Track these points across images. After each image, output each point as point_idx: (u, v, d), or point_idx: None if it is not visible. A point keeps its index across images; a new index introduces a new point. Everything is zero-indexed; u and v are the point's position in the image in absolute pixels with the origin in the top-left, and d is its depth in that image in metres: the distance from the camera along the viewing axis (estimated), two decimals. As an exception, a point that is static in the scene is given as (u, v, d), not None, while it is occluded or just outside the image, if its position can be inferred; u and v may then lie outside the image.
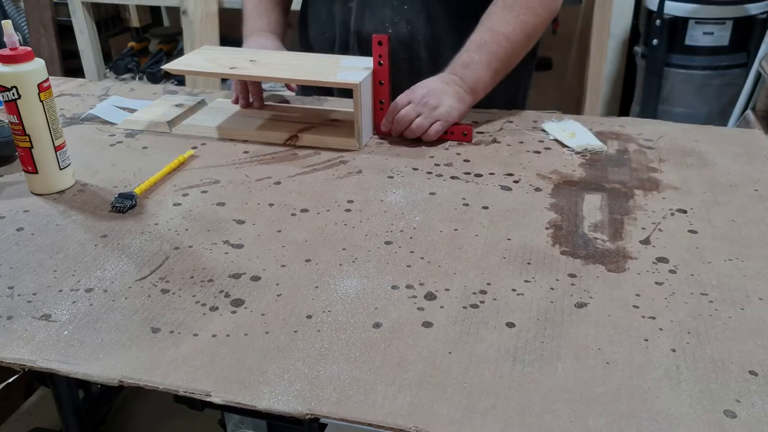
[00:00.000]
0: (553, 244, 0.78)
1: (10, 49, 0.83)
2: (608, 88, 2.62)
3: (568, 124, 1.07)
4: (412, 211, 0.85)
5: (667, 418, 0.54)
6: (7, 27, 0.83)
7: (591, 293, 0.69)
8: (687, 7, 2.26)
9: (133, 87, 1.30)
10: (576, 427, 0.53)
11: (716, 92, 2.35)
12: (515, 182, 0.92)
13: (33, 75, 0.84)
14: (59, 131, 0.89)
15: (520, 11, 1.04)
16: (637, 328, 0.64)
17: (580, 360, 0.60)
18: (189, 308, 0.68)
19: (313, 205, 0.87)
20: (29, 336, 0.64)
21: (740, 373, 0.59)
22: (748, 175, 0.94)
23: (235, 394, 0.57)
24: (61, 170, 0.90)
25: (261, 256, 0.76)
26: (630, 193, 0.89)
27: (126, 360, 0.61)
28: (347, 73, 1.01)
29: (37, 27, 2.63)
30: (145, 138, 1.07)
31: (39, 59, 0.86)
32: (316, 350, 0.62)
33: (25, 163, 0.89)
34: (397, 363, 0.60)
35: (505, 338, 0.63)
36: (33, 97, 0.85)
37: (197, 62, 1.07)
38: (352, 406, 0.56)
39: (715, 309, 0.67)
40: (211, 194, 0.90)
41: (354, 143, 1.02)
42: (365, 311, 0.67)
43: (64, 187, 0.91)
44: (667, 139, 1.05)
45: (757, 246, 0.77)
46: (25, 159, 0.88)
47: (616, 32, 2.51)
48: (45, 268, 0.74)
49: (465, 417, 0.54)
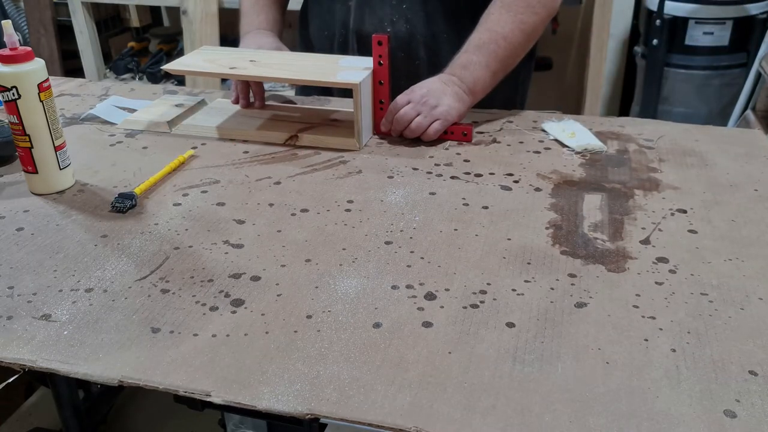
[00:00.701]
0: (553, 244, 0.78)
1: (10, 49, 0.83)
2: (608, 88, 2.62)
3: (568, 124, 1.07)
4: (412, 211, 0.85)
5: (667, 418, 0.54)
6: (7, 27, 0.83)
7: (591, 293, 0.69)
8: (687, 7, 2.26)
9: (133, 87, 1.30)
10: (576, 427, 0.53)
11: (716, 92, 2.35)
12: (515, 182, 0.92)
13: (33, 75, 0.84)
14: (59, 131, 0.89)
15: (518, 11, 1.04)
16: (637, 328, 0.64)
17: (580, 360, 0.60)
18: (189, 308, 0.68)
19: (313, 205, 0.87)
20: (29, 336, 0.64)
21: (740, 373, 0.59)
22: (748, 175, 0.94)
23: (235, 394, 0.57)
24: (61, 170, 0.90)
25: (261, 256, 0.76)
26: (630, 193, 0.89)
27: (126, 360, 0.61)
28: (347, 73, 1.01)
29: (37, 27, 2.63)
30: (145, 138, 1.07)
31: (39, 59, 0.86)
32: (316, 350, 0.62)
33: (25, 163, 0.89)
34: (397, 363, 0.60)
35: (505, 338, 0.63)
36: (33, 97, 0.85)
37: (197, 62, 1.07)
38: (352, 406, 0.56)
39: (715, 309, 0.67)
40: (211, 194, 0.90)
41: (354, 143, 1.02)
42: (365, 311, 0.67)
43: (64, 187, 0.91)
44: (667, 139, 1.05)
45: (757, 246, 0.77)
46: (25, 159, 0.88)
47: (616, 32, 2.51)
48: (45, 268, 0.74)
49: (465, 417, 0.54)
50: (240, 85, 1.15)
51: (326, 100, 1.22)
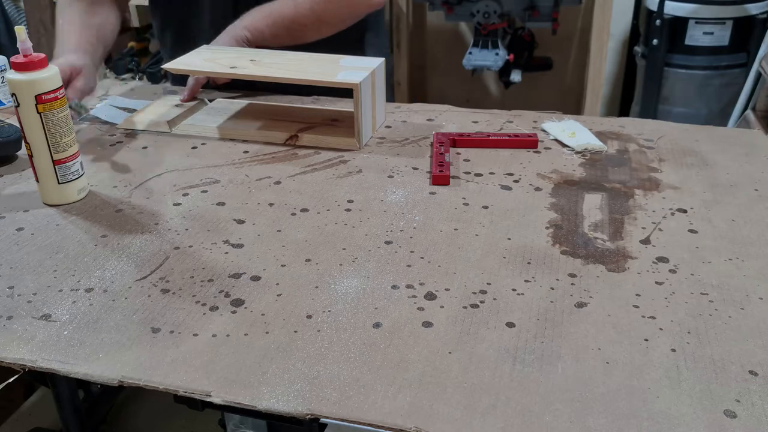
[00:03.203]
0: (553, 244, 0.78)
1: (24, 56, 0.82)
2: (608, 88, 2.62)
3: (568, 124, 1.07)
4: (412, 211, 0.85)
5: (667, 418, 0.54)
6: (21, 33, 0.81)
7: (591, 293, 0.69)
8: (687, 7, 2.26)
9: (133, 87, 1.30)
10: (576, 427, 0.53)
11: (716, 92, 2.35)
12: (515, 182, 0.92)
13: (28, 85, 0.81)
14: (62, 145, 0.85)
15: None
16: (637, 328, 0.64)
17: (580, 360, 0.60)
18: (189, 308, 0.68)
19: (313, 204, 0.87)
20: (29, 336, 0.64)
21: (740, 373, 0.59)
22: (748, 175, 0.94)
23: (235, 394, 0.57)
24: (60, 185, 0.86)
25: (261, 256, 0.76)
26: (630, 193, 0.89)
27: (126, 360, 0.61)
28: (347, 73, 1.01)
29: (37, 27, 2.63)
30: (145, 138, 1.07)
31: (49, 69, 0.83)
32: (316, 350, 0.62)
33: (32, 169, 0.87)
34: (397, 363, 0.60)
35: (505, 338, 0.63)
36: (30, 108, 0.82)
37: (197, 62, 1.07)
38: (352, 406, 0.56)
39: (715, 309, 0.67)
40: (211, 194, 0.90)
41: (354, 143, 1.03)
42: (365, 311, 0.67)
43: (64, 202, 0.87)
44: (667, 139, 1.05)
45: (757, 246, 0.77)
46: (31, 166, 0.87)
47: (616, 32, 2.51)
48: (45, 268, 0.74)
49: (465, 417, 0.54)
50: (195, 86, 1.18)
51: (326, 99, 1.22)
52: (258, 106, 1.18)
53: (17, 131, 0.98)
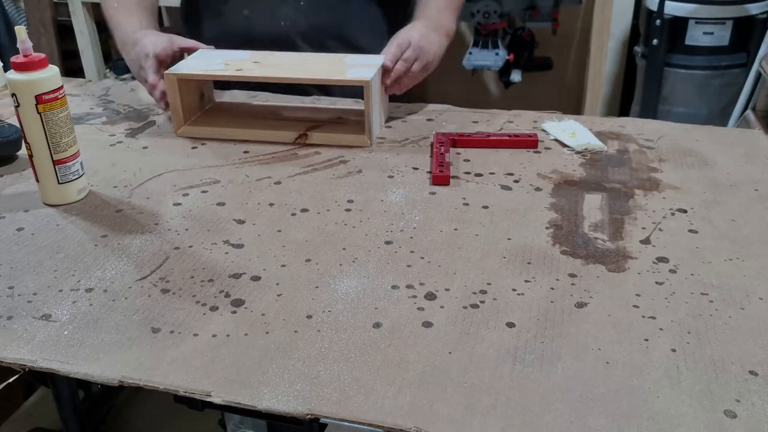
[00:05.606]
0: (553, 244, 0.78)
1: (24, 56, 0.82)
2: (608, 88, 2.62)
3: (568, 124, 1.07)
4: (412, 211, 0.85)
5: (667, 418, 0.54)
6: (21, 33, 0.81)
7: (591, 293, 0.69)
8: (687, 7, 2.25)
9: (133, 87, 1.30)
10: (576, 427, 0.53)
11: (716, 92, 2.35)
12: (515, 182, 0.92)
13: (28, 85, 0.81)
14: (63, 145, 0.85)
15: None
16: (637, 328, 0.64)
17: (580, 360, 0.60)
18: (189, 308, 0.68)
19: (313, 204, 0.87)
20: (29, 336, 0.64)
21: (740, 373, 0.59)
22: (748, 175, 0.94)
23: (235, 394, 0.57)
24: (60, 185, 0.86)
25: (261, 256, 0.76)
26: (630, 193, 0.89)
27: (126, 360, 0.61)
28: (356, 71, 1.01)
29: (37, 27, 2.63)
30: (145, 138, 1.07)
31: (52, 68, 0.83)
32: (316, 350, 0.62)
33: (32, 169, 0.87)
34: (397, 363, 0.60)
35: (505, 338, 0.63)
36: (30, 108, 0.82)
37: (199, 65, 1.07)
38: (352, 406, 0.56)
39: (716, 309, 0.67)
40: (211, 194, 0.90)
41: (365, 140, 1.03)
42: (365, 311, 0.67)
43: (64, 202, 0.87)
44: (667, 139, 1.05)
45: (757, 246, 0.77)
46: (31, 166, 0.87)
47: (616, 32, 2.51)
48: (45, 268, 0.74)
49: (465, 417, 0.54)
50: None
51: (327, 99, 1.22)
52: (261, 106, 1.18)
53: (17, 131, 0.98)
